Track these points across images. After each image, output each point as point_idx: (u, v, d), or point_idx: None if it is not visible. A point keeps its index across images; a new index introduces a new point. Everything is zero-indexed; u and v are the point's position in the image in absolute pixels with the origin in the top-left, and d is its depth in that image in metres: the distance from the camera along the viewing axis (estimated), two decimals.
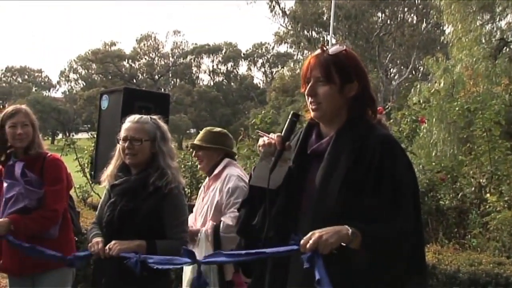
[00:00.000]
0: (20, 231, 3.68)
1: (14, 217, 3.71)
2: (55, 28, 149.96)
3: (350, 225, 2.12)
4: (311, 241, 2.07)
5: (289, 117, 2.46)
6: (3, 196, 3.86)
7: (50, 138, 53.31)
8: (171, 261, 2.88)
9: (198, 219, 4.26)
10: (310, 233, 2.08)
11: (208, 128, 4.47)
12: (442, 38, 23.13)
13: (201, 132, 4.40)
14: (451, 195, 7.33)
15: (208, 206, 4.20)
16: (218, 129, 4.46)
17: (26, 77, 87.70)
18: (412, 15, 41.47)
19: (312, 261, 2.06)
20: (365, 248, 2.14)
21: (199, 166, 4.39)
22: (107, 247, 3.28)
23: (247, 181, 2.96)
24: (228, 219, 4.04)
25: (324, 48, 2.40)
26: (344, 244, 2.11)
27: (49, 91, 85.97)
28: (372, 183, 2.23)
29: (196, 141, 4.33)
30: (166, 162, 3.46)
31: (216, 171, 4.22)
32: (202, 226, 4.18)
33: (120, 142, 3.49)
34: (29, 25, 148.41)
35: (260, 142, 2.46)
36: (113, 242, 3.29)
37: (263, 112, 8.59)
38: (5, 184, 3.87)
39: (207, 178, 4.38)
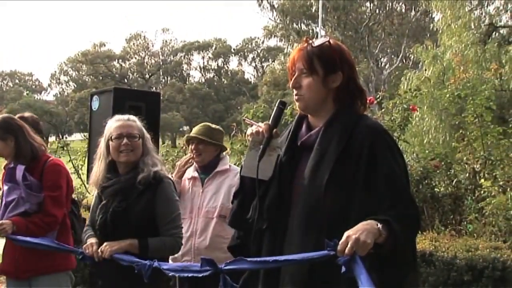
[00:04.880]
0: (21, 233, 3.67)
1: (16, 219, 3.72)
2: (44, 30, 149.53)
3: (374, 220, 2.06)
4: (349, 245, 1.98)
5: (276, 104, 2.46)
6: (2, 199, 3.85)
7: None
8: (188, 268, 2.74)
9: (202, 211, 4.27)
10: (345, 236, 2.00)
11: (207, 123, 4.54)
12: (432, 25, 23.18)
13: (201, 127, 4.42)
14: (445, 182, 7.31)
15: (222, 200, 4.23)
16: (215, 126, 4.54)
17: (17, 81, 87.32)
18: (400, 3, 41.33)
19: (349, 265, 1.97)
20: (393, 239, 2.08)
21: (196, 158, 4.38)
22: (99, 250, 3.27)
23: None
24: None
25: (309, 41, 2.41)
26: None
27: (40, 94, 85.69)
28: (364, 172, 2.22)
29: (198, 135, 4.33)
30: (153, 160, 3.47)
31: (222, 167, 4.36)
32: (210, 217, 4.21)
33: (112, 141, 3.44)
34: (18, 29, 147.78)
35: (249, 131, 2.45)
36: (105, 244, 3.27)
37: (255, 106, 8.55)
38: (5, 187, 3.86)
39: (193, 172, 4.42)
